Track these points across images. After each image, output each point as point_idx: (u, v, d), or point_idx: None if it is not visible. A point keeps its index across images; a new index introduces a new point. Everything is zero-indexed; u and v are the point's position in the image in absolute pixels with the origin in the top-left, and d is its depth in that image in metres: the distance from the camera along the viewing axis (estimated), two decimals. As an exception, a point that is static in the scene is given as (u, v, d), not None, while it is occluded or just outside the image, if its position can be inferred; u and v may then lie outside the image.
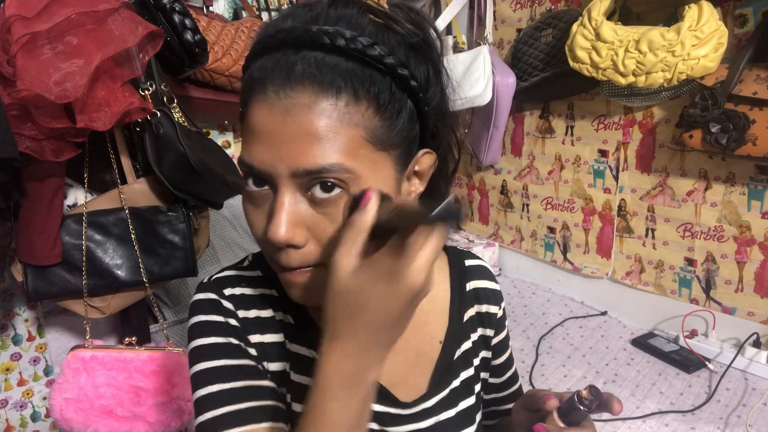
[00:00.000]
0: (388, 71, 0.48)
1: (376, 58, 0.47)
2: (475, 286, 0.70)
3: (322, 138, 0.45)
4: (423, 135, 0.53)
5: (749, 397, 1.21)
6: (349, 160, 0.46)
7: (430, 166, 0.55)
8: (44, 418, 1.44)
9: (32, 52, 0.95)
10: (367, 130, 0.47)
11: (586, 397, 0.53)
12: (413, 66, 0.50)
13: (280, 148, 0.46)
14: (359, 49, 0.46)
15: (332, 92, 0.46)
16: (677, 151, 1.42)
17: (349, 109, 0.46)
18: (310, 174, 0.46)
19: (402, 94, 0.49)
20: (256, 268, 0.62)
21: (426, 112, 0.52)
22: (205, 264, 1.55)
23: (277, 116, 0.46)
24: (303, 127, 0.45)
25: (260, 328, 0.58)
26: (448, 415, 0.64)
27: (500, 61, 1.68)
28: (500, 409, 0.75)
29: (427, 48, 0.53)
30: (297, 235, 0.47)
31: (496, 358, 0.72)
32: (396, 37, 0.50)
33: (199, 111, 1.45)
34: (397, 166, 0.51)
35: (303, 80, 0.45)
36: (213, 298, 0.58)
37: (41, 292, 1.15)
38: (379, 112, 0.48)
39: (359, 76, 0.47)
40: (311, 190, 0.47)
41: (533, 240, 1.85)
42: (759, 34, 1.19)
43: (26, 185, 1.05)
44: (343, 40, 0.46)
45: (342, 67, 0.46)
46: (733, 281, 1.37)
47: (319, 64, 0.46)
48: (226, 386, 0.54)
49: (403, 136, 0.50)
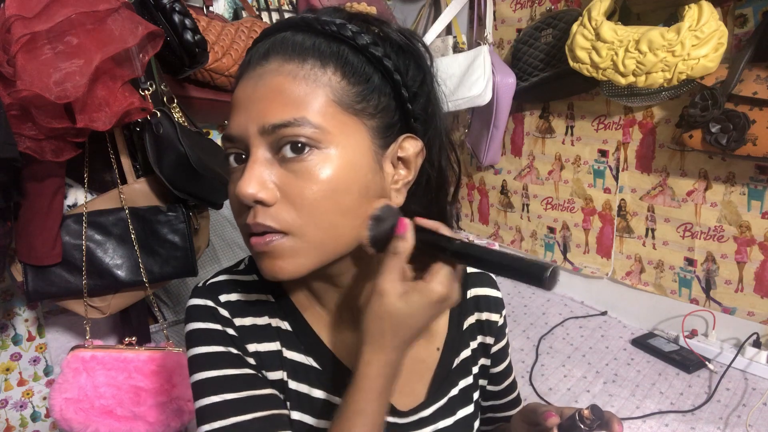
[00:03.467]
0: (359, 48, 0.50)
1: (349, 36, 0.50)
2: (476, 293, 0.69)
3: (287, 94, 0.48)
4: (406, 121, 0.54)
5: (749, 397, 1.21)
6: (316, 117, 0.48)
7: (416, 154, 0.55)
8: (44, 418, 1.44)
9: (32, 52, 0.95)
10: (335, 91, 0.49)
11: (588, 416, 0.53)
12: (388, 49, 0.52)
13: (250, 110, 0.49)
14: (333, 30, 0.50)
15: (299, 58, 0.49)
16: (677, 151, 1.42)
17: (315, 71, 0.49)
18: (277, 128, 0.47)
19: (373, 68, 0.52)
20: (252, 272, 0.61)
21: (405, 94, 0.53)
22: (205, 264, 1.55)
23: (251, 84, 0.50)
24: (270, 87, 0.48)
25: (256, 336, 0.58)
26: (446, 423, 0.63)
27: (500, 61, 1.68)
28: (498, 416, 0.75)
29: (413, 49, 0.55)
30: (264, 191, 0.48)
31: (496, 366, 0.71)
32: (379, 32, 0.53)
33: (199, 111, 1.45)
34: (374, 139, 0.52)
35: (275, 52, 0.50)
36: (209, 306, 0.57)
37: (41, 292, 1.15)
38: (346, 77, 0.50)
39: (327, 46, 0.50)
40: (282, 151, 0.48)
41: (533, 240, 1.85)
42: (759, 34, 1.19)
43: (26, 185, 1.05)
44: (318, 23, 0.50)
45: (313, 40, 0.50)
46: (733, 281, 1.37)
47: (293, 40, 0.50)
48: (228, 397, 0.54)
49: (378, 108, 0.52)
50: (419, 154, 0.55)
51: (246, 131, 0.49)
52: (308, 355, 0.59)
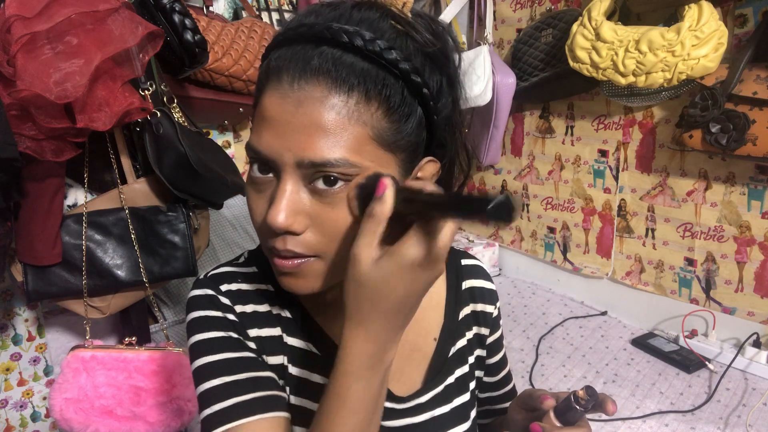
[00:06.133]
0: (401, 76, 0.49)
1: (392, 62, 0.48)
2: (471, 285, 0.70)
3: (329, 132, 0.46)
4: (429, 143, 0.54)
5: (749, 397, 1.21)
6: (354, 156, 0.47)
7: (433, 175, 0.55)
8: (44, 418, 1.44)
9: (32, 52, 0.95)
10: (375, 129, 0.48)
11: (583, 397, 0.54)
12: (427, 74, 0.51)
13: (288, 137, 0.47)
14: (376, 51, 0.47)
15: (344, 89, 0.47)
16: (677, 151, 1.42)
17: (359, 107, 0.47)
18: (315, 166, 0.47)
19: (413, 99, 0.50)
20: (252, 265, 0.62)
21: (435, 121, 0.52)
22: (205, 264, 1.55)
23: (289, 106, 0.47)
24: (313, 120, 0.46)
25: (258, 322, 0.58)
26: (443, 411, 0.64)
27: (500, 61, 1.68)
28: (495, 408, 0.76)
29: (444, 59, 0.54)
30: (296, 223, 0.48)
31: (491, 357, 0.72)
32: (414, 44, 0.51)
33: (199, 111, 1.45)
34: (401, 170, 0.51)
35: (318, 74, 0.47)
36: (210, 294, 0.58)
37: (41, 292, 1.15)
38: (389, 114, 0.48)
39: (372, 77, 0.48)
40: (314, 183, 0.48)
41: (533, 240, 1.85)
42: (759, 34, 1.19)
43: (26, 185, 1.05)
44: (361, 41, 0.47)
45: (357, 67, 0.47)
46: (733, 281, 1.37)
47: (335, 60, 0.47)
48: (229, 379, 0.54)
49: (410, 141, 0.51)
50: (435, 175, 0.56)
51: (281, 158, 0.47)
52: (308, 341, 0.60)
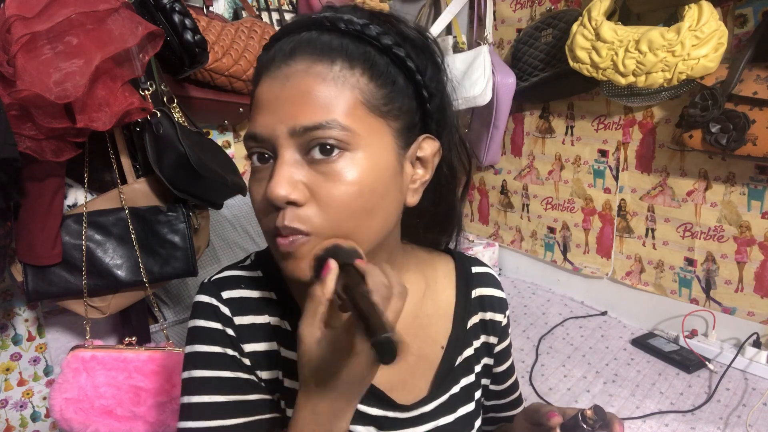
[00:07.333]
0: (383, 49, 0.50)
1: (374, 36, 0.50)
2: (480, 293, 0.70)
3: (318, 96, 0.48)
4: (425, 121, 0.55)
5: (749, 397, 1.21)
6: (345, 119, 0.48)
7: (433, 154, 0.56)
8: (44, 418, 1.44)
9: (32, 52, 0.95)
10: (363, 93, 0.49)
11: (591, 416, 0.54)
12: (412, 54, 0.52)
13: (279, 111, 0.48)
14: (357, 29, 0.50)
15: (327, 59, 0.49)
16: (677, 151, 1.42)
17: (344, 72, 0.49)
18: (308, 130, 0.47)
19: (398, 70, 0.52)
20: (257, 268, 0.61)
21: (425, 95, 0.53)
22: (205, 264, 1.55)
23: (277, 84, 0.49)
24: (300, 89, 0.48)
25: (255, 336, 0.58)
26: (447, 420, 0.64)
27: (500, 61, 1.68)
28: (500, 415, 0.75)
29: (429, 49, 0.55)
30: (295, 191, 0.48)
31: (498, 365, 0.72)
32: (398, 31, 0.53)
33: (199, 111, 1.45)
34: (397, 141, 0.52)
35: (302, 52, 0.49)
36: (212, 303, 0.58)
37: (41, 292, 1.15)
38: (374, 79, 0.50)
39: (355, 47, 0.50)
40: (311, 152, 0.48)
41: (533, 240, 1.85)
42: (759, 34, 1.19)
43: (26, 185, 1.04)
44: (342, 23, 0.50)
45: (338, 40, 0.50)
46: (733, 281, 1.37)
47: (319, 38, 0.50)
48: (216, 399, 0.55)
49: (402, 110, 0.52)
50: (436, 154, 0.56)
51: (274, 132, 0.48)
52: None
